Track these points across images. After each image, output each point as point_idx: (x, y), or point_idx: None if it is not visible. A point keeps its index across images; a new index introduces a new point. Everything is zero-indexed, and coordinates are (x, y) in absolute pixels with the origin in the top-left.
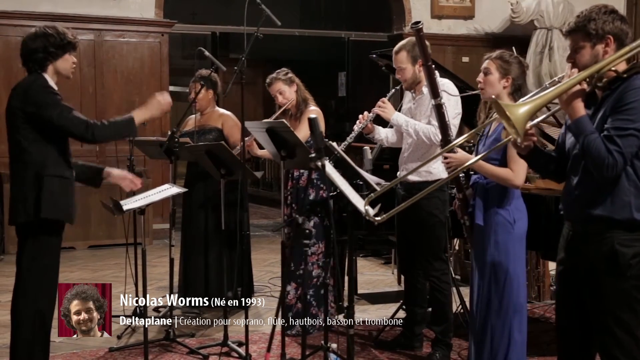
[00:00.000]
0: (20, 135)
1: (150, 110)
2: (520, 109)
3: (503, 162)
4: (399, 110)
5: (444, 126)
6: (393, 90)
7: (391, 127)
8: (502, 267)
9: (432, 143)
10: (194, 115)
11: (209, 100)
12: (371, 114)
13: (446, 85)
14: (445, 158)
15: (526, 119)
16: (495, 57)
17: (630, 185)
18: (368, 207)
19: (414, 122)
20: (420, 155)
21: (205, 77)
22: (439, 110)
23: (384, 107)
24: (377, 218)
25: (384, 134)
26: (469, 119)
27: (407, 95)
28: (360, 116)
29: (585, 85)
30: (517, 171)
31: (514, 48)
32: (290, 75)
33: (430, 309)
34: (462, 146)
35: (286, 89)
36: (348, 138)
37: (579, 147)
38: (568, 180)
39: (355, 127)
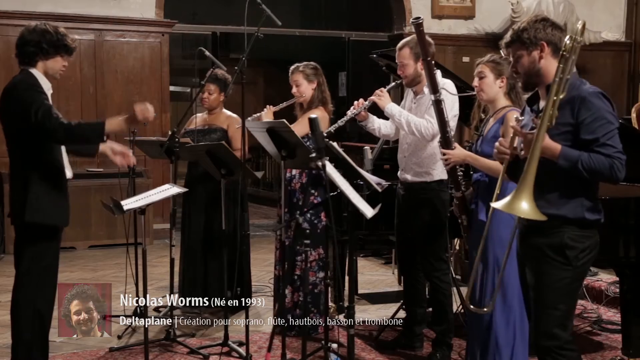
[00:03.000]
0: (10, 136)
1: (127, 123)
2: (522, 202)
3: None
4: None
5: (442, 122)
6: (394, 83)
7: (387, 118)
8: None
9: (422, 137)
10: (200, 114)
11: (219, 102)
12: (367, 102)
13: (447, 85)
14: (444, 154)
15: (533, 206)
16: (487, 60)
17: (582, 187)
18: None
19: (407, 114)
20: (420, 156)
21: (220, 79)
22: (438, 106)
23: (381, 95)
24: None
25: (377, 124)
26: (467, 119)
27: (409, 95)
28: (356, 102)
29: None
30: None
31: (502, 51)
32: (315, 71)
33: (430, 309)
34: (461, 144)
35: (303, 83)
36: (339, 121)
37: (582, 172)
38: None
39: (349, 112)
